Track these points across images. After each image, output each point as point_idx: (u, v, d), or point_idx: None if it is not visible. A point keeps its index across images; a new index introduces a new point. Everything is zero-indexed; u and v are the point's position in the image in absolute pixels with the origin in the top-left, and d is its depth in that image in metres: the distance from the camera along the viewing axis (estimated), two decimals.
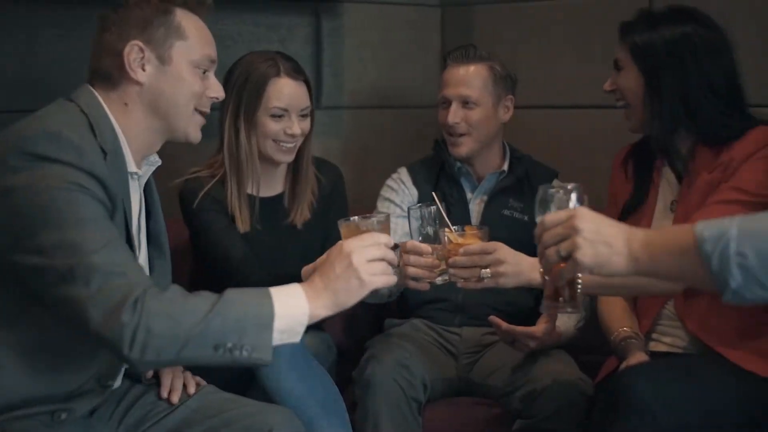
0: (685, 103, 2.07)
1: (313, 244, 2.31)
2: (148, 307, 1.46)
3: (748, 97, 2.11)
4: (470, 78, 2.44)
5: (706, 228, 1.38)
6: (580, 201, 1.56)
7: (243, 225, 2.29)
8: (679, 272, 1.45)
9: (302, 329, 1.55)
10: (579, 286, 1.58)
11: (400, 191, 2.52)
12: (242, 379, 1.98)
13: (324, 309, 1.56)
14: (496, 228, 2.07)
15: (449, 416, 2.29)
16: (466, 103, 2.43)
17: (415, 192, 2.51)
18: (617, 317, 2.18)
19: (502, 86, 2.47)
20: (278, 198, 2.39)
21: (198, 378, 1.88)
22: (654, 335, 2.15)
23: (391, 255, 1.61)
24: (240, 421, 1.73)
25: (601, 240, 1.45)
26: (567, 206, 1.54)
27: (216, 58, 1.78)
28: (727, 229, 1.36)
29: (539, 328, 2.15)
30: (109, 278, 1.48)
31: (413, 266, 2.00)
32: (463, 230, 2.00)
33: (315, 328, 2.34)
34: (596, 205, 2.30)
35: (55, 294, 1.49)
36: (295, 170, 2.39)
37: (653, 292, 2.05)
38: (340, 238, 1.68)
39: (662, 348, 2.13)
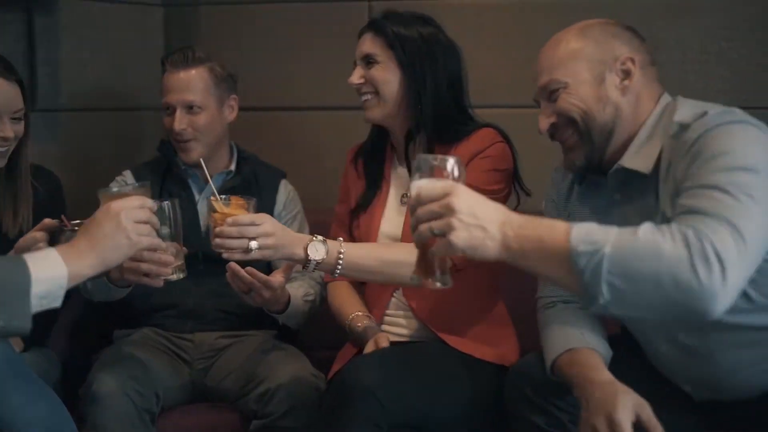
0: (436, 98, 2.17)
1: None
2: None
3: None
4: (192, 82, 2.39)
5: (582, 242, 1.40)
6: (457, 174, 1.47)
7: None
8: (548, 273, 1.46)
9: (62, 293, 1.53)
10: (450, 262, 1.53)
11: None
12: None
13: (90, 269, 1.56)
14: None
15: (185, 424, 2.25)
16: (190, 108, 2.39)
17: None
18: (349, 302, 2.25)
19: (224, 87, 2.45)
20: None
21: None
22: (384, 325, 2.23)
23: (155, 219, 1.64)
24: None
25: (476, 223, 1.42)
26: (443, 177, 1.46)
27: None
28: (602, 247, 1.39)
29: (276, 278, 2.12)
30: None
31: (147, 262, 1.94)
32: (229, 200, 1.95)
33: (36, 344, 2.23)
34: (325, 204, 2.39)
35: None
36: (8, 178, 2.23)
37: (397, 281, 2.12)
38: None
39: (393, 338, 2.19)
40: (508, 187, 2.20)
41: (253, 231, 1.89)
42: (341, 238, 2.06)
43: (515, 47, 2.81)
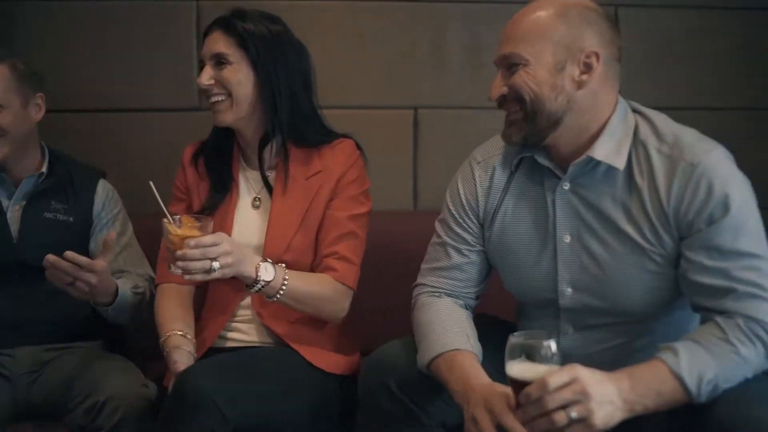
0: (291, 99, 2.14)
1: None
2: None
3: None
4: None
5: (702, 387, 1.60)
6: (555, 350, 1.54)
7: None
8: (662, 409, 1.62)
9: None
10: None
11: None
12: None
13: None
14: (40, 231, 1.96)
15: None
16: None
17: None
18: (171, 315, 2.18)
19: (29, 85, 2.33)
20: None
21: None
22: (231, 332, 2.20)
23: None
24: None
25: (606, 400, 1.55)
26: (550, 360, 1.54)
27: None
28: (717, 382, 1.61)
29: (99, 262, 2.04)
30: None
31: None
32: (180, 221, 1.89)
33: None
34: (149, 208, 2.32)
35: None
36: None
37: (319, 315, 2.14)
38: None
39: (238, 343, 2.19)
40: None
41: (215, 251, 1.87)
42: (283, 264, 2.05)
43: (345, 50, 2.84)
